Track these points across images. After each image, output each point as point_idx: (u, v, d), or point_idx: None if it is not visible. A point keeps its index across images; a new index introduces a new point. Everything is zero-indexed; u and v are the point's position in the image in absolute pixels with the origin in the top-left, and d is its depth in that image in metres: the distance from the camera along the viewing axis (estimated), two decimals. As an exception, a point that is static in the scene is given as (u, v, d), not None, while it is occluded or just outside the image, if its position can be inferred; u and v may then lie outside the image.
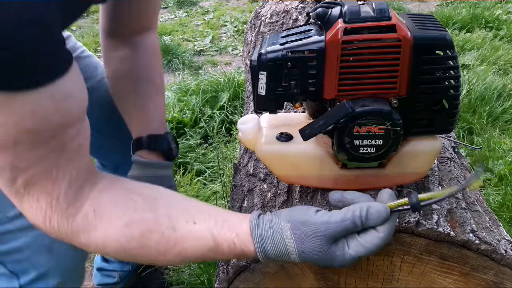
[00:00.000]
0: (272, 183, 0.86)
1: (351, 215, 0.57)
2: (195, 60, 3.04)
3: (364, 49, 0.63)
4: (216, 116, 2.17)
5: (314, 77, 0.65)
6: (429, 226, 0.66)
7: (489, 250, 0.65)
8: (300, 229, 0.59)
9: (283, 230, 0.60)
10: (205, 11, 3.99)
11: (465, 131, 2.02)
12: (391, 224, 0.58)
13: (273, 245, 0.60)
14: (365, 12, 0.63)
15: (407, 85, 0.65)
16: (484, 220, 0.72)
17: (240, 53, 3.09)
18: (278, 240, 0.60)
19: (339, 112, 0.64)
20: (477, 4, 3.45)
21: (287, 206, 0.78)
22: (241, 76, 2.42)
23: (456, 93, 0.66)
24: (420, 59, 0.64)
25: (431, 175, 0.80)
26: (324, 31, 0.65)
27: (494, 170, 1.77)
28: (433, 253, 0.68)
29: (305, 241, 0.59)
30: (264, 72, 0.66)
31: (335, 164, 0.73)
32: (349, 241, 0.59)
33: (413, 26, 0.65)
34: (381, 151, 0.66)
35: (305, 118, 0.78)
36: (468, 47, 2.84)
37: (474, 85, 2.25)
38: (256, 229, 0.61)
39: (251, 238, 0.61)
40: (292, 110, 1.00)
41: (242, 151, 1.05)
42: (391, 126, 0.64)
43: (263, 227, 0.61)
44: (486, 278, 0.67)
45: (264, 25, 1.44)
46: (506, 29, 3.05)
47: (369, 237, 0.58)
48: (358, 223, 0.57)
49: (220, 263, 0.81)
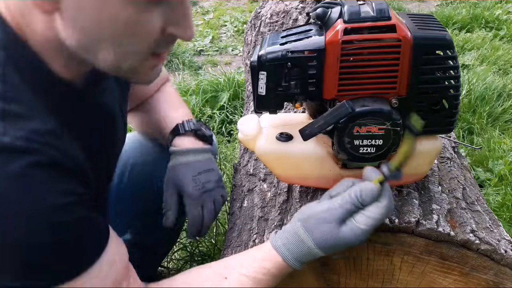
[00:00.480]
0: (272, 183, 0.86)
1: (349, 198, 0.62)
2: (195, 60, 3.04)
3: (364, 49, 0.63)
4: (216, 116, 2.17)
5: (314, 77, 0.65)
6: (429, 226, 0.66)
7: (489, 250, 0.65)
8: (307, 221, 0.64)
9: (295, 229, 0.64)
10: (205, 11, 3.99)
11: (465, 131, 2.02)
12: (386, 192, 0.63)
13: (293, 246, 0.64)
14: (365, 12, 0.63)
15: (407, 85, 0.65)
16: (484, 220, 0.72)
17: (240, 53, 3.09)
18: (295, 240, 0.64)
19: (339, 112, 0.64)
20: (477, 4, 3.45)
21: (287, 206, 0.78)
22: (241, 76, 2.42)
23: (456, 93, 0.66)
24: (420, 59, 0.64)
25: (431, 175, 0.80)
26: (324, 31, 0.65)
27: (494, 170, 1.77)
28: (433, 253, 0.67)
29: (316, 230, 0.63)
30: (264, 72, 0.66)
31: (335, 164, 0.73)
32: (356, 218, 0.62)
33: (413, 26, 0.65)
34: (381, 151, 0.66)
35: (305, 118, 0.78)
36: (468, 47, 2.84)
37: (474, 85, 2.25)
38: (275, 241, 0.65)
39: (275, 251, 0.65)
40: (292, 110, 1.00)
41: (242, 151, 1.05)
42: (391, 126, 0.64)
43: (280, 237, 0.66)
44: (486, 278, 0.67)
45: (264, 25, 1.44)
46: (506, 29, 3.05)
47: (373, 208, 0.62)
48: (357, 204, 0.62)
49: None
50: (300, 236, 0.64)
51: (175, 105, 0.99)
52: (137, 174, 1.07)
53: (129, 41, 0.55)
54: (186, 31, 0.58)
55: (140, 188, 1.06)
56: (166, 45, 0.60)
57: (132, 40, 0.55)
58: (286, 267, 0.65)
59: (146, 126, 1.04)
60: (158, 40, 0.57)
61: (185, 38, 0.58)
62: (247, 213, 0.84)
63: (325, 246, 0.63)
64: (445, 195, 0.75)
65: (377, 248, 0.69)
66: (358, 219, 0.62)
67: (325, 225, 0.62)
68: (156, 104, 0.99)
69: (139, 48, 0.57)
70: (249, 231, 0.80)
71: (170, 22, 0.56)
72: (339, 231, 0.62)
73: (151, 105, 0.99)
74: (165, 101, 1.00)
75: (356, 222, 0.62)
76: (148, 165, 1.06)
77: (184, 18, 0.57)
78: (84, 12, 0.52)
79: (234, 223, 0.85)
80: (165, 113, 0.96)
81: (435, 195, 0.74)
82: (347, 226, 0.62)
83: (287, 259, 0.64)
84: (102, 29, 0.53)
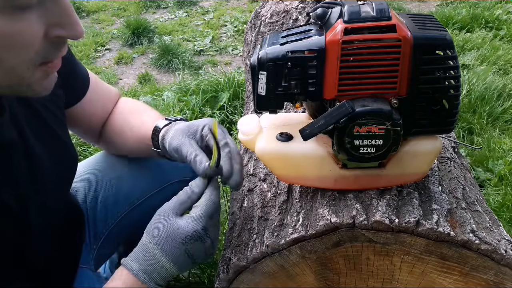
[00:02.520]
0: (272, 183, 0.86)
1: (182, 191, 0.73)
2: (195, 60, 3.04)
3: (364, 49, 0.63)
4: (216, 116, 2.17)
5: (314, 77, 0.65)
6: (429, 226, 0.66)
7: (489, 250, 0.65)
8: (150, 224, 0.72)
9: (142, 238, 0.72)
10: (205, 11, 3.99)
11: (465, 131, 2.02)
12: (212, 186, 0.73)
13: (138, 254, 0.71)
14: (365, 12, 0.63)
15: (407, 85, 0.65)
16: (484, 220, 0.72)
17: (240, 53, 3.09)
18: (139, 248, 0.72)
19: (339, 112, 0.64)
20: (477, 4, 3.45)
21: (287, 206, 0.78)
22: (241, 76, 2.42)
23: (456, 93, 0.66)
24: (420, 59, 0.64)
25: (431, 175, 0.80)
26: (324, 31, 0.65)
27: (494, 170, 1.77)
28: (433, 253, 0.67)
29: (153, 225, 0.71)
30: (264, 72, 0.66)
31: (335, 164, 0.73)
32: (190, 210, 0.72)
33: (413, 26, 0.65)
34: (381, 151, 0.66)
35: (305, 118, 0.78)
36: (468, 47, 2.84)
37: (474, 85, 2.25)
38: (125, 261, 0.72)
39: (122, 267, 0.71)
40: (292, 110, 1.00)
41: (242, 151, 1.05)
42: (391, 126, 0.64)
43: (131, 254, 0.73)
44: (486, 278, 0.67)
45: (264, 25, 1.44)
46: (506, 29, 3.04)
47: (201, 199, 0.72)
48: (189, 193, 0.72)
49: (220, 263, 0.80)
50: (142, 241, 0.71)
51: (143, 111, 0.97)
52: (113, 204, 1.05)
53: (9, 56, 0.51)
54: (72, 29, 0.54)
55: (117, 213, 1.06)
56: (55, 49, 0.55)
57: (12, 54, 0.51)
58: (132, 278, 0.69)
59: (125, 145, 0.98)
60: (44, 46, 0.53)
61: (74, 37, 0.54)
62: (247, 213, 0.84)
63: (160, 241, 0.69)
64: (445, 195, 0.75)
65: (377, 248, 0.69)
66: (191, 211, 0.71)
67: (160, 218, 0.70)
68: (125, 120, 0.95)
69: (22, 61, 0.52)
70: (249, 231, 0.80)
71: (51, 24, 0.52)
72: (173, 221, 0.69)
73: (118, 124, 0.96)
74: (131, 112, 0.97)
75: (190, 213, 0.71)
76: (118, 186, 1.05)
77: (66, 16, 0.53)
78: None
79: (234, 223, 0.85)
80: (140, 121, 0.92)
81: (435, 195, 0.74)
82: (181, 218, 0.70)
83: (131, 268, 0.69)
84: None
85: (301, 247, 0.70)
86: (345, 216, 0.69)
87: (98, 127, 0.98)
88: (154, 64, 3.01)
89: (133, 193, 1.05)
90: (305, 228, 0.70)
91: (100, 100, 0.95)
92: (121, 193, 1.04)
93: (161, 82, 2.81)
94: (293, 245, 0.71)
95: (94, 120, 0.96)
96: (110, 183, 1.04)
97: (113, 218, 1.06)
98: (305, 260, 0.72)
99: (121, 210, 1.05)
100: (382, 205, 0.69)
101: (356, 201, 0.71)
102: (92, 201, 1.04)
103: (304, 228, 0.71)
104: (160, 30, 3.54)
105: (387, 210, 0.68)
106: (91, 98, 0.92)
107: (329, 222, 0.68)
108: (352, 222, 0.67)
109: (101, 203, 1.04)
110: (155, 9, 4.08)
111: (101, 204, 1.04)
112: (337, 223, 0.67)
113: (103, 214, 1.05)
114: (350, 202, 0.71)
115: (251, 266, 0.74)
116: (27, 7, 0.49)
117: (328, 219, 0.68)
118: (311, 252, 0.71)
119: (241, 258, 0.75)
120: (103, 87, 0.98)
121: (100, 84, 0.97)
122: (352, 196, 0.73)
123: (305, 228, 0.70)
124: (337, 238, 0.69)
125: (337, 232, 0.68)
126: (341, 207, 0.71)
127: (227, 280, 0.76)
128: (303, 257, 0.72)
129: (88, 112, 0.92)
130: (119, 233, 1.07)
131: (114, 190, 1.04)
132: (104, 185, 1.04)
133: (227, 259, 0.78)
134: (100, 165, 1.06)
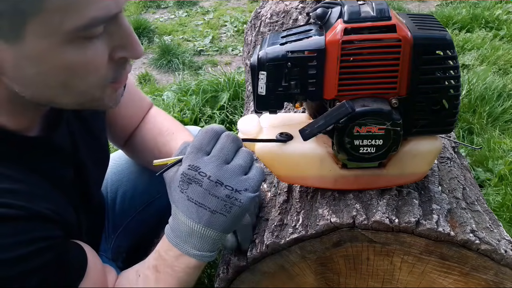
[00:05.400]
0: (272, 183, 0.86)
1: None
2: (195, 60, 3.04)
3: (364, 49, 0.63)
4: (216, 116, 2.17)
5: (314, 77, 0.65)
6: (429, 226, 0.66)
7: (489, 250, 0.65)
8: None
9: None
10: (205, 11, 3.98)
11: (465, 131, 2.01)
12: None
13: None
14: (365, 12, 0.63)
15: (407, 85, 0.65)
16: (484, 220, 0.72)
17: (240, 53, 3.09)
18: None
19: (339, 112, 0.64)
20: (477, 4, 3.45)
21: (287, 206, 0.78)
22: (241, 76, 2.42)
23: (456, 93, 0.66)
24: (420, 59, 0.64)
25: (431, 175, 0.80)
26: (324, 31, 0.65)
27: (494, 170, 1.77)
28: (433, 253, 0.68)
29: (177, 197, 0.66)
30: (264, 72, 0.66)
31: (335, 164, 0.73)
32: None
33: (413, 26, 0.65)
34: (381, 151, 0.66)
35: (305, 118, 0.78)
36: (468, 47, 2.83)
37: (474, 85, 2.25)
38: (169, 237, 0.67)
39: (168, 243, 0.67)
40: (292, 110, 1.00)
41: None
42: (391, 126, 0.64)
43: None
44: (486, 278, 0.67)
45: (264, 25, 1.44)
46: (506, 29, 3.04)
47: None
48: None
49: (220, 263, 0.80)
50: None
51: (172, 132, 0.97)
52: (131, 199, 1.10)
53: (82, 80, 0.54)
54: (133, 49, 0.57)
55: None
56: (120, 69, 0.59)
57: (83, 78, 0.54)
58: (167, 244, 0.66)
59: (149, 164, 1.00)
60: (110, 68, 0.56)
61: (136, 57, 0.58)
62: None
63: (172, 199, 0.65)
64: (445, 195, 0.75)
65: (377, 248, 0.69)
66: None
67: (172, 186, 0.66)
68: (154, 140, 0.96)
69: (93, 83, 0.56)
70: (249, 231, 0.80)
71: (115, 47, 0.55)
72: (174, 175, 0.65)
73: (147, 141, 0.97)
74: (161, 134, 0.97)
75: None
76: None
77: (128, 38, 0.56)
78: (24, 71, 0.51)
79: (234, 223, 0.85)
80: (169, 148, 0.92)
81: (435, 195, 0.74)
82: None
83: (167, 233, 0.67)
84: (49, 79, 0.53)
85: (301, 247, 0.71)
86: (345, 216, 0.69)
87: (126, 133, 0.99)
88: (154, 64, 3.01)
89: (149, 190, 1.09)
90: (305, 228, 0.70)
91: (133, 105, 0.97)
92: (138, 189, 1.09)
93: (161, 82, 2.81)
94: (293, 245, 0.71)
95: (125, 124, 0.98)
96: (130, 177, 1.09)
97: (131, 211, 1.10)
98: (305, 260, 0.72)
99: (138, 205, 1.10)
100: (382, 205, 0.69)
101: (356, 201, 0.71)
102: (113, 192, 1.10)
103: (304, 228, 0.71)
104: (160, 30, 3.54)
105: (387, 210, 0.68)
106: (126, 102, 0.92)
107: (329, 222, 0.68)
108: (352, 222, 0.67)
109: (120, 196, 1.10)
110: (155, 9, 4.08)
111: (121, 197, 1.10)
112: (337, 223, 0.67)
113: (121, 206, 1.10)
114: (350, 202, 0.71)
115: (251, 266, 0.74)
116: (95, 36, 0.52)
117: (328, 219, 0.68)
118: (311, 252, 0.71)
119: (241, 258, 0.75)
120: (138, 93, 1.01)
121: (136, 90, 1.00)
122: (352, 196, 0.73)
123: (305, 228, 0.70)
124: (337, 238, 0.69)
125: (337, 232, 0.68)
126: (341, 207, 0.71)
127: (227, 280, 0.76)
128: (303, 257, 0.72)
129: (120, 115, 0.94)
130: (136, 227, 1.10)
131: (132, 185, 1.09)
132: (125, 179, 1.10)
133: (227, 259, 0.78)
134: (124, 158, 1.11)
